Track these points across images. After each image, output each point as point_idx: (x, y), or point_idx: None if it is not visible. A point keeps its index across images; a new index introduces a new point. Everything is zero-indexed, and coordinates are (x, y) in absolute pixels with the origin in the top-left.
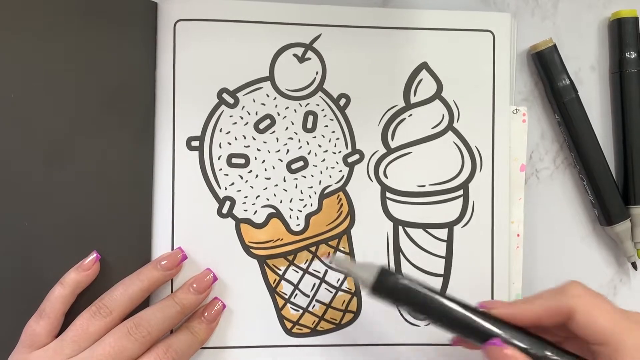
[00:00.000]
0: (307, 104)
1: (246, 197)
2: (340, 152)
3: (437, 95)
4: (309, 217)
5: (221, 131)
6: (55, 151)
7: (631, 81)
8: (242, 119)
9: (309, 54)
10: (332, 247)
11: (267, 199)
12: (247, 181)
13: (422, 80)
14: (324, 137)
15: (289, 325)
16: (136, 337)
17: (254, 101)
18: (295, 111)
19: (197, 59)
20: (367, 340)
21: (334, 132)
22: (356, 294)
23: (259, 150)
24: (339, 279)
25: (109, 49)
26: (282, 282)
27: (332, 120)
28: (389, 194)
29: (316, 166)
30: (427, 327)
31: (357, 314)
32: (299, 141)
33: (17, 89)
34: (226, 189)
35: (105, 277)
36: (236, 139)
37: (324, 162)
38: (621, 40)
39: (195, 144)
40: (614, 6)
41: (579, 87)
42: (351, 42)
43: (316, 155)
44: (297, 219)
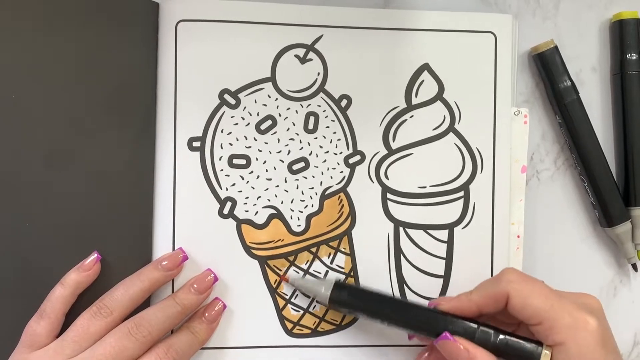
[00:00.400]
0: (309, 105)
1: (247, 197)
2: (341, 153)
3: (439, 96)
4: (309, 218)
5: (222, 132)
6: (56, 151)
7: (632, 83)
8: (243, 119)
9: (311, 55)
10: (332, 247)
11: (268, 200)
12: (248, 182)
13: (423, 81)
14: (325, 138)
15: (289, 325)
16: (137, 337)
17: (256, 102)
18: (296, 112)
19: (198, 60)
20: (368, 341)
21: (335, 133)
22: None
23: (260, 151)
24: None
25: (111, 50)
26: (283, 282)
27: (333, 121)
28: (389, 195)
29: (317, 167)
30: None
31: None
32: (300, 142)
33: (18, 89)
34: (227, 190)
35: (106, 277)
36: (237, 140)
37: (325, 163)
38: (622, 41)
39: (196, 144)
40: (615, 7)
41: (580, 88)
42: (353, 43)
43: (317, 156)
44: (298, 219)
